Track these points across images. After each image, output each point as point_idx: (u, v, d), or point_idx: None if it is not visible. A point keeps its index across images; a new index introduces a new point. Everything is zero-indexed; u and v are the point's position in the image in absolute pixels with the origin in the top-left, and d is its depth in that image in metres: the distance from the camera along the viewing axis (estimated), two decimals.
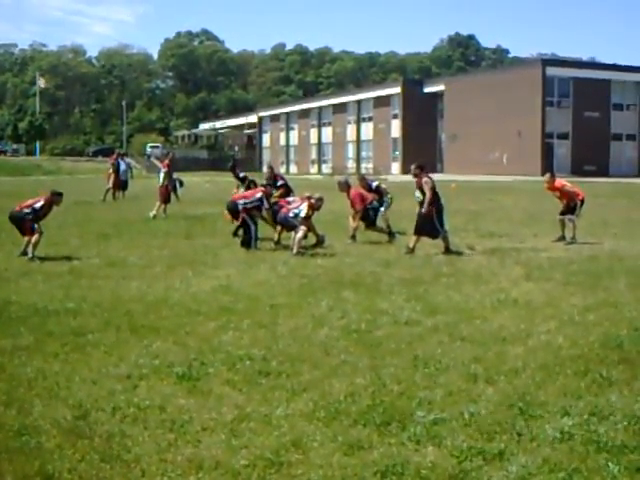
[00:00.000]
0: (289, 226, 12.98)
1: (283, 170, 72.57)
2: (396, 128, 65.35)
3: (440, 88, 63.61)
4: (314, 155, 78.52)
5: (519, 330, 7.15)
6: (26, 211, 11.98)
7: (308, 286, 9.57)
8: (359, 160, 70.11)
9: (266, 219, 13.73)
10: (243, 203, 13.33)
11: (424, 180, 12.52)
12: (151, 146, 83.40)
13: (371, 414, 4.90)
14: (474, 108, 55.72)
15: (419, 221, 12.52)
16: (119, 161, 26.63)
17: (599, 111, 53.78)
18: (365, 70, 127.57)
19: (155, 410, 5.03)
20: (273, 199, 14.35)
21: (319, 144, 77.80)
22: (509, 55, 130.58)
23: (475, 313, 7.92)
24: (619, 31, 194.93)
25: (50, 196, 12.24)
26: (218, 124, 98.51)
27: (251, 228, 13.20)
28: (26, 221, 11.89)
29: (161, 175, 20.00)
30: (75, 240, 14.34)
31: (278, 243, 13.57)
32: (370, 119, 69.72)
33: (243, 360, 6.14)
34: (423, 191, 12.48)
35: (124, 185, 26.53)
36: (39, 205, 12.06)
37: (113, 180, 25.89)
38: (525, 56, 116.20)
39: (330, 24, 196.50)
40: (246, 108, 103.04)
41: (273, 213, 13.64)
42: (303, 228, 12.62)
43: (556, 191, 14.78)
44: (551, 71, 53.57)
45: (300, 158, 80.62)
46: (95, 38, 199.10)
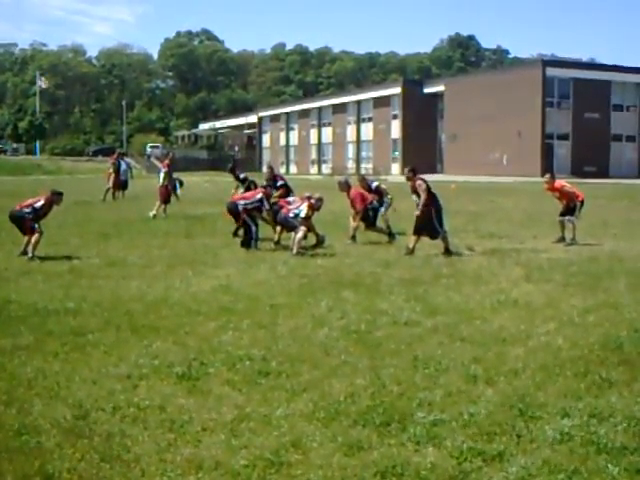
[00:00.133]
0: (289, 226, 12.98)
1: (283, 170, 72.60)
2: (396, 128, 65.38)
3: (440, 88, 63.65)
4: (314, 155, 78.54)
5: (519, 331, 7.15)
6: (26, 210, 11.98)
7: (308, 286, 9.57)
8: (359, 160, 70.15)
9: (267, 220, 13.75)
10: (244, 204, 13.34)
11: (417, 183, 12.60)
12: (151, 146, 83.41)
13: (371, 415, 4.90)
14: (474, 109, 55.73)
15: (418, 221, 12.55)
16: (119, 161, 26.62)
17: (599, 112, 53.82)
18: (365, 70, 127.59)
19: (155, 410, 5.03)
20: (273, 199, 14.36)
21: (319, 144, 77.83)
22: (509, 56, 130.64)
23: (475, 314, 7.92)
24: (619, 32, 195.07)
25: (50, 196, 12.24)
26: (218, 124, 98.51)
27: (252, 229, 13.21)
28: (26, 220, 11.89)
29: (161, 175, 20.00)
30: (75, 240, 14.34)
31: (278, 243, 13.57)
32: (370, 119, 69.76)
33: (243, 360, 6.14)
34: (418, 194, 12.55)
35: (124, 185, 26.51)
36: (39, 205, 12.05)
37: (113, 180, 25.89)
38: (525, 57, 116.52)
39: (330, 24, 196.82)
40: (246, 108, 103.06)
41: (273, 213, 13.65)
42: (303, 228, 12.62)
43: (556, 192, 14.78)
44: (551, 72, 53.62)
45: (300, 158, 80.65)
46: (95, 38, 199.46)
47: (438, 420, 4.81)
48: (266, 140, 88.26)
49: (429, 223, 12.44)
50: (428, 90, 65.28)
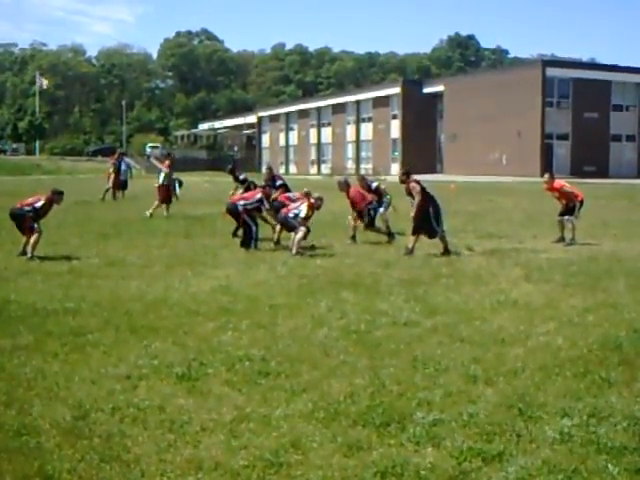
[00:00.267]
0: (289, 227, 12.98)
1: (282, 170, 72.59)
2: (395, 128, 65.38)
3: (440, 88, 63.64)
4: (313, 155, 78.52)
5: (518, 331, 7.15)
6: (27, 209, 12.00)
7: (307, 286, 9.57)
8: (358, 160, 70.15)
9: (267, 219, 13.76)
10: (243, 204, 13.34)
11: (411, 185, 12.67)
12: (151, 146, 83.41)
13: (370, 415, 4.90)
14: (474, 109, 55.74)
15: (415, 222, 12.58)
16: (120, 161, 26.64)
17: (599, 112, 53.83)
18: (365, 70, 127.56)
19: (154, 410, 5.03)
20: (273, 197, 14.39)
21: (318, 144, 77.81)
22: (509, 55, 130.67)
23: (474, 314, 7.92)
24: (619, 32, 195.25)
25: (51, 195, 12.24)
26: (217, 124, 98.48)
27: (252, 229, 13.23)
28: (26, 219, 11.90)
29: (161, 175, 19.95)
30: (74, 240, 14.34)
31: (278, 243, 13.58)
32: (370, 119, 69.75)
33: (242, 360, 6.14)
34: (413, 196, 12.63)
35: (124, 185, 26.53)
36: (39, 204, 12.06)
37: (113, 180, 25.89)
38: (525, 57, 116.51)
39: (330, 24, 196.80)
40: (245, 108, 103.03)
41: (274, 211, 13.65)
42: (303, 229, 12.62)
43: (555, 192, 14.79)
44: (551, 72, 53.61)
45: (299, 158, 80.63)
46: (95, 38, 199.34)
47: (438, 420, 4.81)
48: (265, 140, 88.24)
49: (426, 223, 12.48)
50: (428, 90, 65.27)
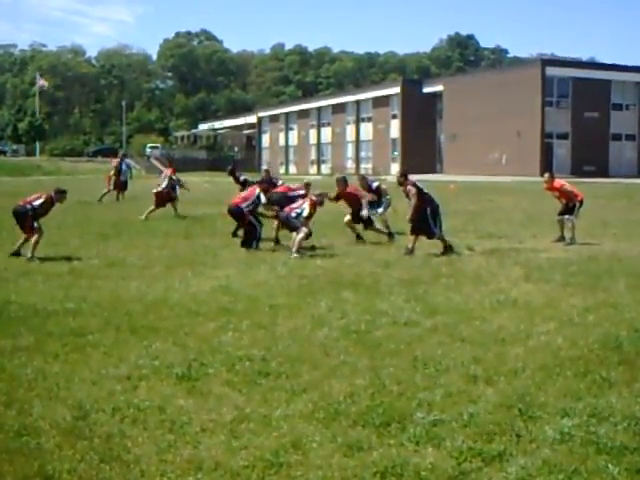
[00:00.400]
0: (291, 227, 12.94)
1: (282, 170, 72.62)
2: (395, 128, 65.36)
3: (439, 88, 63.60)
4: (313, 155, 78.48)
5: (519, 331, 7.15)
6: (28, 207, 12.03)
7: (307, 287, 9.58)
8: (358, 160, 70.12)
9: (265, 214, 13.73)
10: (246, 206, 13.33)
11: (407, 188, 12.68)
12: (150, 147, 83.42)
13: (370, 415, 4.90)
14: (473, 108, 55.71)
15: (412, 223, 12.60)
16: (121, 162, 26.67)
17: (598, 111, 53.79)
18: (364, 70, 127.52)
19: (155, 411, 5.03)
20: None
21: (318, 144, 77.77)
22: (508, 55, 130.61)
23: (474, 314, 7.92)
24: (619, 31, 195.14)
25: (52, 194, 12.24)
26: (217, 124, 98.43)
27: (257, 229, 13.32)
28: (28, 217, 11.92)
29: (166, 181, 19.77)
30: (75, 240, 14.34)
31: (277, 242, 13.59)
32: (369, 119, 69.72)
33: (242, 361, 6.14)
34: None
35: (124, 186, 26.51)
36: (38, 202, 12.07)
37: (115, 182, 25.88)
38: (524, 56, 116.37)
39: (329, 24, 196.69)
40: (245, 108, 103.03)
41: (275, 203, 13.68)
42: (304, 229, 12.60)
43: (555, 191, 14.79)
44: (550, 71, 53.57)
45: (299, 158, 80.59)
46: (94, 38, 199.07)
47: (438, 420, 4.81)
48: (265, 140, 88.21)
49: (424, 223, 12.52)
50: (427, 90, 65.24)
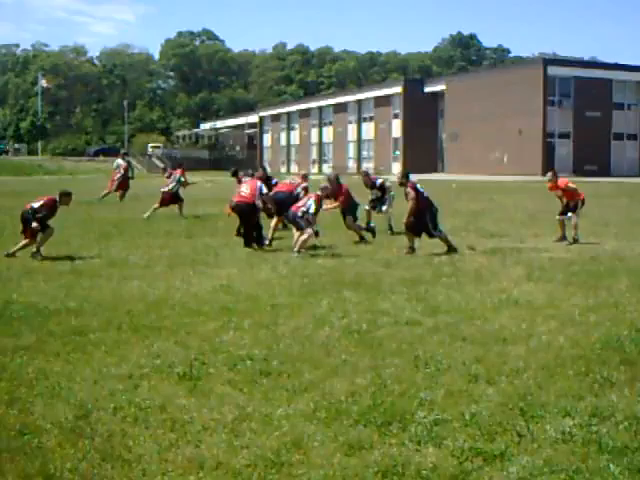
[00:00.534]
0: (297, 226, 12.88)
1: (284, 170, 72.58)
2: (397, 128, 65.32)
3: (441, 88, 63.55)
4: (315, 155, 78.48)
5: (520, 330, 7.15)
6: (29, 210, 12.06)
7: (309, 286, 9.57)
8: (360, 160, 70.09)
9: (263, 209, 13.69)
10: (256, 200, 13.27)
11: (406, 191, 12.67)
12: (152, 146, 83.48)
13: (372, 414, 4.90)
14: (475, 108, 55.66)
15: (412, 224, 12.61)
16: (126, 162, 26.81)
17: (600, 111, 53.69)
18: (366, 70, 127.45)
19: (156, 410, 5.04)
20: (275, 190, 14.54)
21: (320, 144, 77.76)
22: (510, 54, 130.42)
23: (476, 313, 7.92)
24: (621, 30, 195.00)
25: (54, 197, 12.27)
26: (219, 124, 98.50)
27: (262, 228, 13.39)
28: (30, 222, 11.94)
29: (173, 183, 19.72)
30: (76, 240, 14.36)
31: (270, 244, 13.49)
32: (371, 119, 69.69)
33: (244, 360, 6.14)
34: None
35: (128, 185, 26.53)
36: (37, 205, 12.10)
37: (120, 182, 25.91)
38: (526, 55, 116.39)
39: (331, 24, 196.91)
40: (247, 108, 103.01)
41: (277, 202, 13.69)
42: (309, 231, 12.55)
43: (558, 190, 14.74)
44: (552, 70, 53.50)
45: (301, 158, 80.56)
46: (97, 38, 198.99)
47: (439, 420, 4.81)
48: (267, 140, 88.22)
49: (423, 224, 12.55)
50: (429, 89, 65.19)
